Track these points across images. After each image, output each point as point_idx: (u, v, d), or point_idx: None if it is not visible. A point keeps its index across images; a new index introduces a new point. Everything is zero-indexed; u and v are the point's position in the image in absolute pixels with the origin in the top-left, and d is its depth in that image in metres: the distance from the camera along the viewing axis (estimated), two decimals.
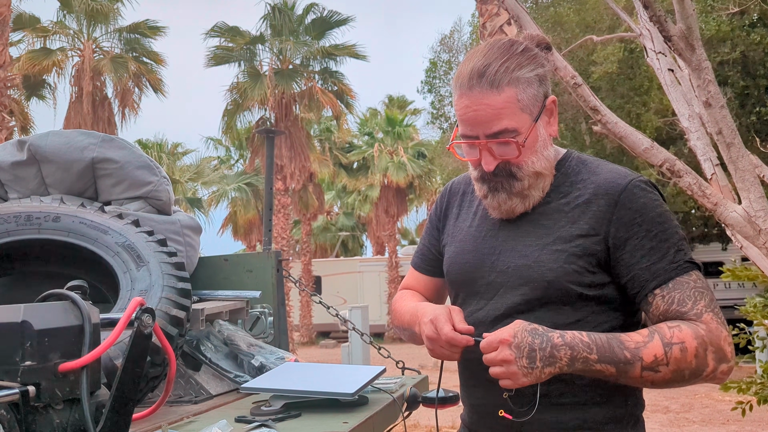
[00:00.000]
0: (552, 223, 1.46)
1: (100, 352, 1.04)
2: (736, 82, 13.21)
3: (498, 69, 1.42)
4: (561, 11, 14.24)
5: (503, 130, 1.42)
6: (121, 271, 2.11)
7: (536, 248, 1.45)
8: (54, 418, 1.02)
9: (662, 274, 1.38)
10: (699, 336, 1.33)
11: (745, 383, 4.46)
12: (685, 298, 1.37)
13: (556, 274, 1.41)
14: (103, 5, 19.56)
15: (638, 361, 1.31)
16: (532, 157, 1.46)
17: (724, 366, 1.34)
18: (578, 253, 1.42)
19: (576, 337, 1.31)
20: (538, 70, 1.46)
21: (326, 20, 21.91)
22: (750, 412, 4.50)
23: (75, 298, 1.08)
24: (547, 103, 1.48)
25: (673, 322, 1.36)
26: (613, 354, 1.31)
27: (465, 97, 1.45)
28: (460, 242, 1.61)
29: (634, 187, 1.43)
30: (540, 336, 1.30)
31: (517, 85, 1.42)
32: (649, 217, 1.41)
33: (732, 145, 3.89)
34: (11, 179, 2.57)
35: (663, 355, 1.31)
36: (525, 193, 1.48)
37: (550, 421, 1.43)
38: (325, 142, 28.35)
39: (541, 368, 1.29)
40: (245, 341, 2.47)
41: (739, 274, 4.66)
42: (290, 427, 1.74)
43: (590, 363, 1.31)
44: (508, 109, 1.42)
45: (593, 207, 1.44)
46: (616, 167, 1.51)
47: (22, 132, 16.85)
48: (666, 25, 3.71)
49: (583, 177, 1.49)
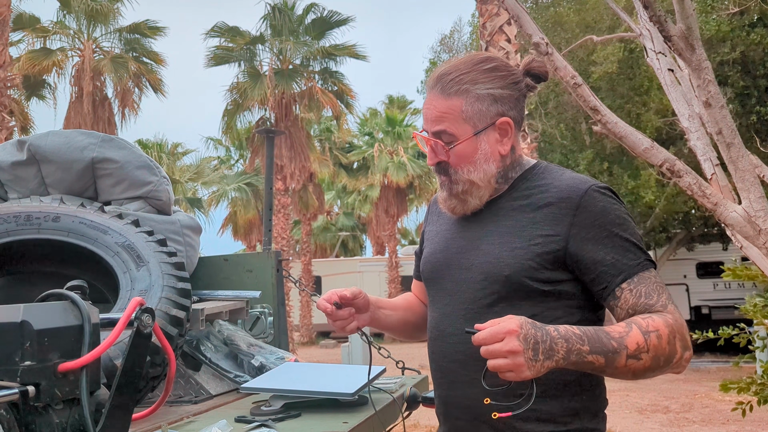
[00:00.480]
0: (514, 223, 1.56)
1: (100, 352, 1.04)
2: (736, 82, 13.21)
3: (453, 78, 1.56)
4: (561, 11, 14.24)
5: (441, 131, 1.57)
6: (120, 271, 2.11)
7: (497, 246, 1.55)
8: (54, 418, 1.02)
9: (627, 270, 1.47)
10: (669, 324, 1.42)
11: (745, 383, 4.46)
12: (651, 292, 1.46)
13: (513, 270, 1.50)
14: (103, 5, 19.55)
15: (624, 350, 1.37)
16: (468, 166, 1.57)
17: (687, 353, 1.44)
18: (536, 250, 1.50)
19: (569, 330, 1.36)
20: (495, 90, 1.57)
21: (326, 20, 21.90)
22: (750, 413, 4.50)
23: (75, 298, 1.08)
24: (498, 122, 1.57)
25: (643, 315, 1.44)
26: (602, 344, 1.37)
27: (427, 95, 1.62)
28: (433, 244, 1.73)
29: (594, 191, 1.52)
30: (540, 329, 1.33)
31: (465, 96, 1.55)
32: (609, 219, 1.50)
33: (732, 145, 3.88)
34: (11, 179, 2.57)
35: (644, 342, 1.38)
36: (462, 197, 1.60)
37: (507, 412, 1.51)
38: (325, 142, 28.34)
39: (542, 361, 1.32)
40: (245, 341, 2.47)
41: (739, 273, 4.66)
42: (290, 427, 1.74)
43: (583, 355, 1.35)
44: (450, 115, 1.56)
45: (554, 209, 1.53)
46: (577, 175, 1.61)
47: (22, 132, 16.85)
48: (666, 25, 3.71)
49: (546, 182, 1.58)
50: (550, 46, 4.38)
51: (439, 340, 1.61)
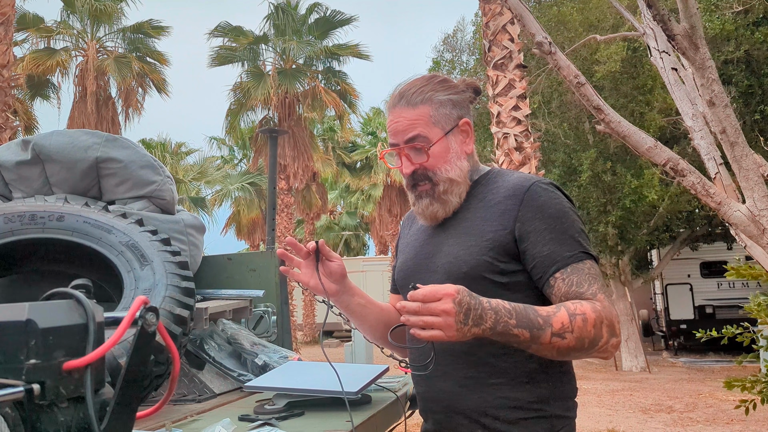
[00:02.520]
0: (470, 224, 1.70)
1: (105, 350, 1.05)
2: (740, 81, 13.18)
3: (415, 92, 1.72)
4: (564, 10, 14.21)
5: (416, 136, 1.70)
6: (125, 270, 2.11)
7: (456, 246, 1.68)
8: (58, 416, 1.02)
9: (561, 261, 1.58)
10: (596, 311, 1.52)
11: (749, 382, 4.45)
12: (582, 281, 1.57)
13: (470, 266, 1.63)
14: (107, 5, 19.58)
15: (549, 327, 1.48)
16: (445, 165, 1.71)
17: (614, 340, 1.54)
18: (489, 246, 1.63)
19: (500, 304, 1.47)
20: (452, 96, 1.73)
21: (329, 20, 21.91)
22: (754, 411, 4.50)
23: (79, 297, 1.08)
24: (460, 124, 1.74)
25: (573, 300, 1.55)
26: (529, 320, 1.48)
27: (390, 113, 1.76)
28: (405, 254, 1.87)
29: (537, 187, 1.65)
30: (475, 298, 1.45)
31: (429, 103, 1.71)
32: (548, 213, 1.62)
33: (736, 144, 3.88)
34: (15, 179, 2.58)
35: (569, 323, 1.49)
36: (443, 198, 1.72)
37: (479, 401, 1.62)
38: (328, 141, 28.38)
39: (470, 327, 1.43)
40: (248, 340, 2.48)
41: (743, 272, 4.65)
42: (293, 425, 1.74)
43: (509, 327, 1.46)
44: (421, 120, 1.71)
45: (502, 206, 1.66)
46: (525, 174, 1.75)
47: (26, 132, 16.90)
48: (669, 23, 3.71)
49: (498, 184, 1.73)
50: (553, 45, 4.38)
51: (414, 340, 1.69)
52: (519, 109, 9.81)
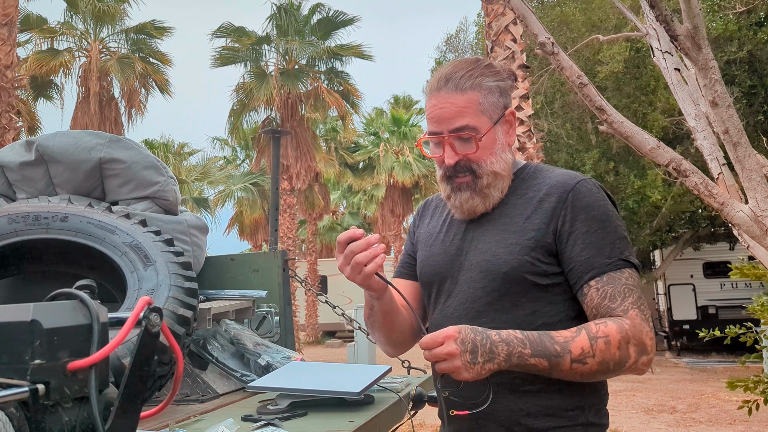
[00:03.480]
0: (509, 221, 1.60)
1: (109, 350, 1.05)
2: (743, 81, 13.16)
3: (463, 75, 1.60)
4: (567, 11, 14.20)
5: (464, 125, 1.58)
6: (128, 271, 2.12)
7: (494, 244, 1.59)
8: (63, 416, 1.03)
9: (598, 267, 1.50)
10: (623, 330, 1.44)
11: (752, 382, 4.45)
12: (616, 294, 1.49)
13: (511, 266, 1.54)
14: (110, 6, 19.60)
15: (567, 354, 1.42)
16: (490, 158, 1.60)
17: (644, 358, 1.47)
18: (531, 245, 1.54)
19: (511, 334, 1.41)
20: (499, 82, 1.62)
21: (332, 20, 21.91)
22: (757, 412, 4.49)
23: (83, 298, 1.09)
24: (506, 114, 1.64)
25: (599, 319, 1.47)
26: (545, 348, 1.41)
27: (433, 98, 1.62)
28: (429, 246, 1.75)
29: (583, 186, 1.57)
30: (480, 333, 1.39)
31: (479, 90, 1.59)
32: (591, 215, 1.54)
33: (739, 145, 3.88)
34: (19, 179, 2.58)
35: (589, 348, 1.42)
36: (485, 192, 1.61)
37: (512, 408, 1.53)
38: (330, 142, 28.37)
39: (482, 363, 1.38)
40: (251, 340, 2.48)
41: (746, 272, 4.65)
42: (296, 425, 1.74)
43: (525, 357, 1.40)
44: (470, 108, 1.58)
45: (545, 204, 1.57)
46: (568, 171, 1.65)
47: (30, 132, 16.93)
48: (672, 24, 3.71)
49: (538, 180, 1.64)
50: (556, 46, 4.38)
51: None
52: (522, 109, 9.81)
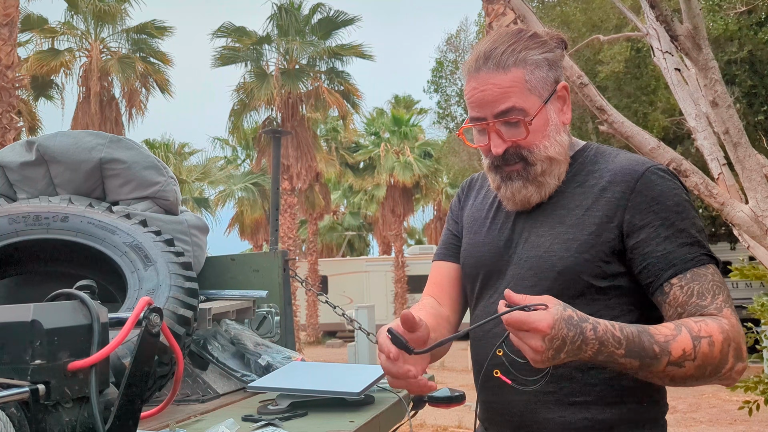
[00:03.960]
0: (566, 212, 1.42)
1: (109, 351, 1.05)
2: (743, 82, 13.15)
3: (505, 50, 1.40)
4: (567, 10, 14.20)
5: (510, 108, 1.39)
6: (128, 271, 2.12)
7: (549, 238, 1.42)
8: (63, 416, 1.03)
9: (679, 264, 1.32)
10: (724, 331, 1.27)
11: (752, 382, 4.45)
12: (704, 291, 1.31)
13: (567, 264, 1.37)
14: (111, 6, 19.61)
15: (666, 356, 1.23)
16: (543, 141, 1.42)
17: (740, 365, 1.29)
18: (591, 241, 1.37)
19: (608, 331, 1.21)
20: (547, 54, 1.43)
21: (332, 20, 21.91)
22: (757, 412, 4.49)
23: (84, 298, 1.09)
24: (558, 89, 1.45)
25: (696, 317, 1.29)
26: (642, 348, 1.23)
27: (473, 80, 1.43)
28: (475, 234, 1.58)
29: (652, 174, 1.39)
30: (574, 328, 1.19)
31: (524, 65, 1.40)
32: (666, 205, 1.36)
33: (739, 145, 3.88)
34: (20, 179, 2.59)
35: (692, 349, 1.24)
36: (540, 180, 1.43)
37: (558, 421, 1.38)
38: (331, 141, 28.37)
39: (564, 358, 1.20)
40: (252, 340, 2.48)
41: (747, 273, 4.65)
42: (297, 425, 1.74)
43: (615, 357, 1.22)
44: (516, 88, 1.39)
45: (608, 194, 1.39)
46: (634, 155, 1.46)
47: (31, 132, 16.93)
48: (673, 24, 3.71)
49: (600, 166, 1.45)
50: None
51: (484, 341, 1.47)
52: None
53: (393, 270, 26.78)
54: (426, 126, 30.88)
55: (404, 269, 26.68)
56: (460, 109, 19.27)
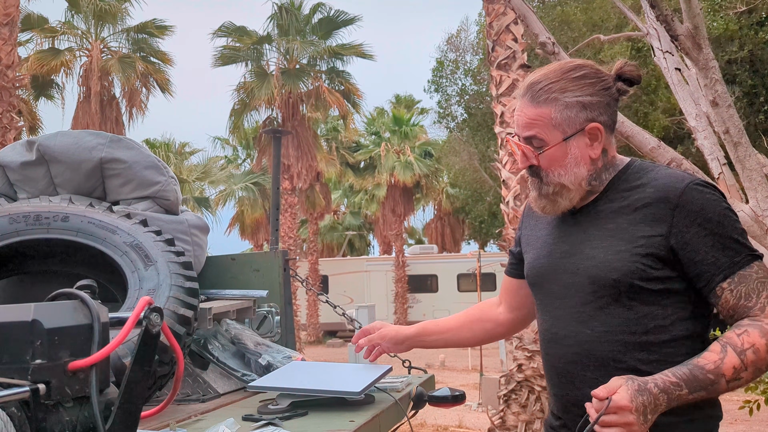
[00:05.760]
0: (615, 226, 1.61)
1: (109, 350, 1.05)
2: (744, 81, 13.15)
3: (543, 87, 1.63)
4: (568, 10, 14.20)
5: (533, 136, 1.64)
6: (129, 271, 2.12)
7: (602, 250, 1.60)
8: (64, 416, 1.03)
9: (727, 268, 1.52)
10: (765, 332, 1.48)
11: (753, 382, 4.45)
12: (750, 292, 1.51)
13: (621, 273, 1.55)
14: (111, 5, 19.61)
15: (722, 378, 1.45)
16: (559, 170, 1.64)
17: None
18: (641, 252, 1.55)
19: (666, 381, 1.44)
20: (583, 97, 1.62)
21: (333, 20, 21.91)
22: (758, 412, 4.49)
23: (84, 298, 1.09)
24: (588, 128, 1.63)
25: (739, 327, 1.50)
26: (699, 381, 1.45)
27: (518, 102, 1.69)
28: (536, 249, 1.79)
29: (692, 189, 1.56)
30: (644, 393, 1.42)
31: (554, 104, 1.62)
32: (708, 217, 1.54)
33: (739, 145, 3.88)
34: (20, 179, 2.59)
35: (740, 364, 1.46)
36: (552, 198, 1.67)
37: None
38: (332, 141, 28.37)
39: (651, 419, 1.42)
40: (252, 340, 2.49)
41: None
42: (297, 425, 1.75)
43: (684, 398, 1.45)
44: (540, 121, 1.63)
45: (653, 209, 1.57)
46: (674, 171, 1.66)
47: (31, 132, 16.93)
48: (673, 24, 3.71)
49: (643, 182, 1.63)
50: (557, 46, 4.38)
51: (554, 342, 1.69)
52: None
53: (393, 270, 26.78)
54: (427, 126, 30.84)
55: (405, 269, 26.67)
56: (461, 108, 19.29)
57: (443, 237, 33.26)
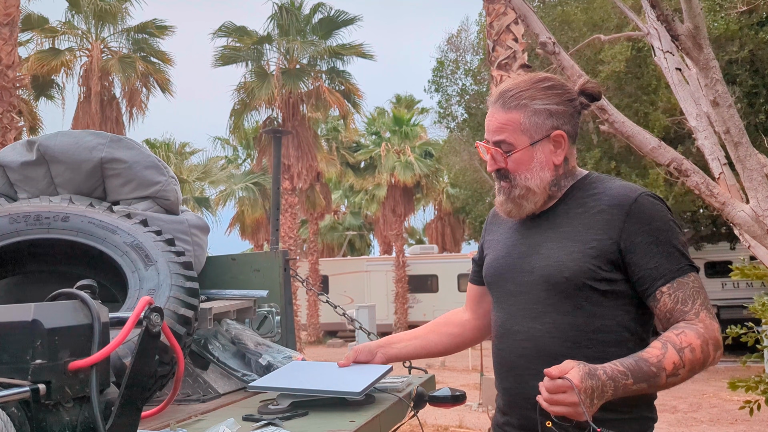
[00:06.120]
0: (571, 229, 1.71)
1: (110, 350, 1.05)
2: (744, 81, 13.15)
3: (513, 95, 1.73)
4: (568, 10, 14.20)
5: (501, 141, 1.74)
6: (129, 271, 2.12)
7: (557, 251, 1.70)
8: (64, 416, 1.03)
9: (667, 274, 1.62)
10: (700, 335, 1.58)
11: (753, 382, 4.45)
12: (687, 298, 1.61)
13: (573, 272, 1.65)
14: (112, 5, 19.61)
15: (663, 372, 1.54)
16: (525, 173, 1.74)
17: (719, 352, 1.61)
18: (592, 254, 1.65)
19: (615, 370, 1.52)
20: (550, 106, 1.73)
21: (333, 20, 21.91)
22: (758, 412, 4.49)
23: (84, 298, 1.09)
24: (553, 135, 1.74)
25: (677, 328, 1.60)
26: (643, 373, 1.53)
27: (489, 108, 1.79)
28: (495, 251, 1.89)
29: (644, 200, 1.67)
30: (594, 378, 1.49)
31: (523, 110, 1.72)
32: (655, 226, 1.65)
33: (740, 144, 3.88)
34: (21, 179, 2.59)
35: (679, 360, 1.55)
36: (518, 202, 1.76)
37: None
38: (332, 141, 28.36)
39: (597, 404, 1.50)
40: (253, 340, 2.49)
41: (748, 272, 4.64)
42: (297, 425, 1.74)
43: (629, 387, 1.53)
44: (509, 126, 1.73)
45: (606, 215, 1.68)
46: (627, 184, 1.77)
47: (31, 132, 16.93)
48: (673, 24, 3.71)
49: (599, 191, 1.74)
50: (557, 45, 4.38)
51: (506, 337, 1.77)
52: None
53: (394, 270, 26.77)
54: (427, 125, 30.85)
55: (405, 269, 26.66)
56: (461, 108, 19.28)
57: (443, 237, 33.27)
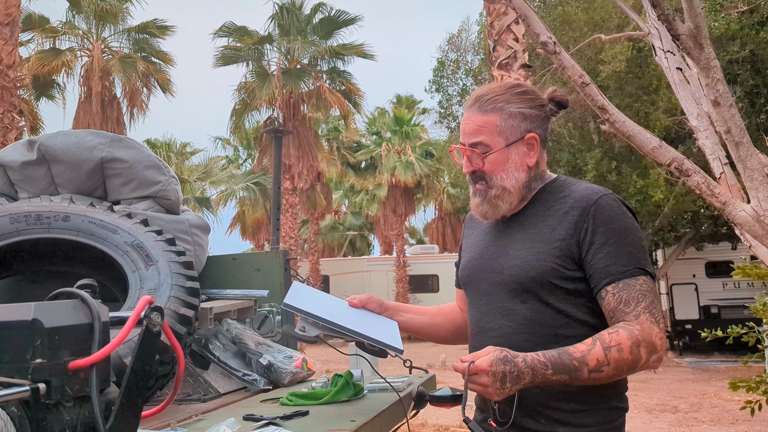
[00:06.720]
0: (537, 231, 1.78)
1: (110, 350, 1.05)
2: (745, 81, 13.14)
3: (490, 98, 1.80)
4: (569, 10, 14.19)
5: (478, 142, 1.80)
6: (130, 270, 2.12)
7: (524, 251, 1.77)
8: (64, 415, 1.03)
9: (614, 275, 1.67)
10: (633, 336, 1.62)
11: (754, 382, 4.44)
12: (630, 299, 1.66)
13: (538, 271, 1.72)
14: (113, 5, 19.62)
15: (585, 367, 1.60)
16: (501, 174, 1.79)
17: (655, 356, 1.64)
18: (556, 253, 1.72)
19: (535, 359, 1.60)
20: (525, 109, 1.80)
21: (334, 20, 21.92)
22: (759, 412, 4.48)
23: (85, 297, 1.09)
24: (527, 137, 1.80)
25: (613, 328, 1.65)
26: (565, 365, 1.60)
27: (465, 112, 1.86)
28: (470, 253, 1.95)
29: (604, 201, 1.73)
30: (509, 363, 1.58)
31: (500, 113, 1.79)
32: (611, 228, 1.70)
33: (741, 144, 3.88)
34: (21, 179, 2.59)
35: (604, 358, 1.60)
36: (494, 202, 1.81)
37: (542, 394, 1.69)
38: (332, 141, 28.37)
39: (510, 387, 1.59)
40: (253, 340, 2.49)
41: (749, 272, 4.64)
42: (297, 425, 1.75)
43: (548, 377, 1.60)
44: (486, 128, 1.79)
45: (569, 216, 1.74)
46: (592, 186, 1.82)
47: (32, 132, 16.94)
48: (674, 23, 3.70)
49: (565, 193, 1.80)
50: (558, 45, 4.38)
51: (480, 334, 1.83)
52: None
53: (394, 270, 26.77)
54: (428, 125, 30.87)
55: (405, 269, 26.66)
56: (462, 108, 19.27)
57: (444, 237, 33.26)
